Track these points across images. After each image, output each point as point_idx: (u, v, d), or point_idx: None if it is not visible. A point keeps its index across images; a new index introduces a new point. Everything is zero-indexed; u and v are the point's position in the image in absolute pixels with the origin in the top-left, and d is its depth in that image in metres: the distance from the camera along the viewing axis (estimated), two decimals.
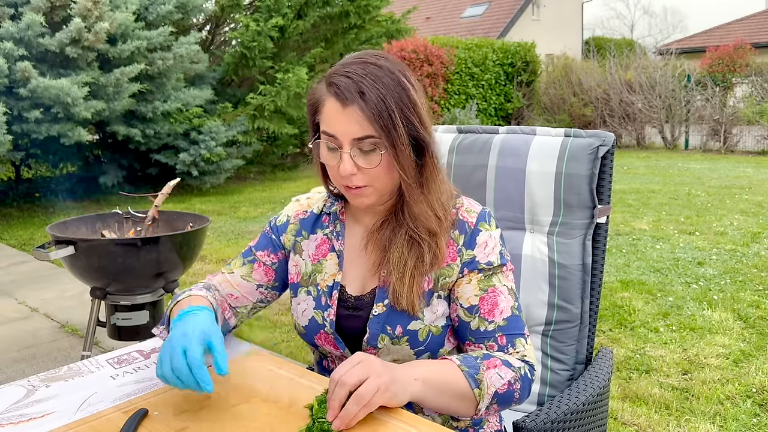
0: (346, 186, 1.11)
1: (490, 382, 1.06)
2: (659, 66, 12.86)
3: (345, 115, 1.05)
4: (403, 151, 1.07)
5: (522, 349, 1.13)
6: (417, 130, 1.08)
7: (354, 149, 1.07)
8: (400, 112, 1.05)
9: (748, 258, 4.74)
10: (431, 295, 1.15)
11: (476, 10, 23.37)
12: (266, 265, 1.27)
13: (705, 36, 21.91)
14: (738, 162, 10.31)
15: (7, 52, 6.02)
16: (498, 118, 13.98)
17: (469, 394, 1.05)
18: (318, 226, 1.26)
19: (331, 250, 1.22)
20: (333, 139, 1.08)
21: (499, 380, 1.07)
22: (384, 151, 1.06)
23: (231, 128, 8.16)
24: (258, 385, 1.08)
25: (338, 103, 1.06)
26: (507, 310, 1.13)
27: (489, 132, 1.58)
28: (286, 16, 8.61)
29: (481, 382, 1.05)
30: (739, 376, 2.85)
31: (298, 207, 1.30)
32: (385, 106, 1.04)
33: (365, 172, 1.09)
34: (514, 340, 1.13)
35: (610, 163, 1.44)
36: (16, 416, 1.01)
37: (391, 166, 1.08)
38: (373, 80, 1.04)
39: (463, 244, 1.15)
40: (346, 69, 1.07)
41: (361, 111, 1.04)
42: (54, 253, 2.37)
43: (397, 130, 1.05)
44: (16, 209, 7.49)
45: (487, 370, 1.07)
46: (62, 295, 4.18)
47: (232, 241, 5.68)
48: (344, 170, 1.07)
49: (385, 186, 1.12)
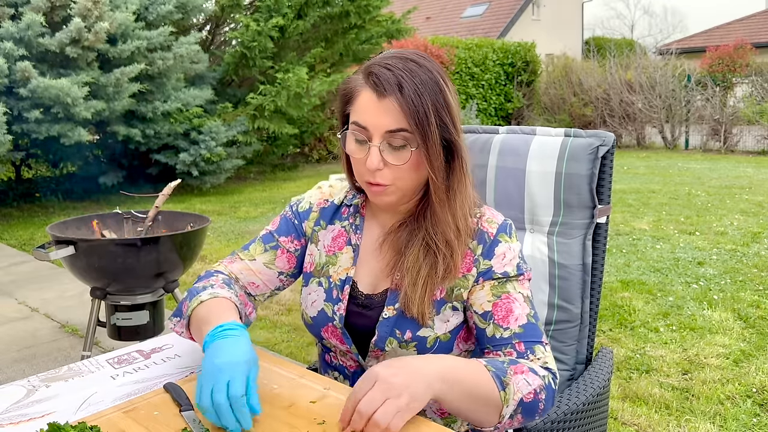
0: (368, 182, 1.09)
1: (517, 388, 1.00)
2: (659, 66, 12.86)
3: (380, 106, 1.04)
4: (434, 151, 1.05)
5: (542, 356, 1.08)
6: (449, 132, 1.07)
7: (384, 143, 1.06)
8: (435, 111, 1.05)
9: (748, 258, 4.74)
10: (443, 305, 1.13)
11: (476, 10, 23.37)
12: (289, 252, 1.25)
13: (705, 36, 21.91)
14: (738, 162, 10.31)
15: (7, 52, 6.02)
16: (498, 118, 13.99)
17: (495, 398, 0.98)
18: (337, 217, 1.24)
19: (348, 244, 1.21)
20: (363, 131, 1.06)
21: (526, 387, 1.01)
22: (414, 148, 1.05)
23: (231, 128, 8.16)
24: (258, 385, 1.08)
25: (374, 94, 1.05)
26: (522, 317, 1.09)
27: (489, 132, 1.58)
28: (286, 16, 8.60)
29: (508, 386, 0.99)
30: (739, 376, 2.85)
31: (320, 195, 1.28)
32: (422, 101, 1.03)
33: (391, 169, 1.07)
34: (534, 346, 1.08)
35: (610, 163, 1.44)
36: (16, 416, 1.01)
37: (418, 165, 1.07)
38: (411, 76, 1.04)
39: (481, 254, 1.13)
40: (386, 62, 1.06)
41: (398, 104, 1.03)
42: (54, 253, 2.37)
43: (431, 128, 1.04)
44: (16, 209, 7.49)
45: (514, 375, 1.01)
46: (62, 295, 4.18)
47: (232, 241, 5.68)
48: (371, 164, 1.05)
49: (408, 186, 1.10)
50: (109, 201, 7.72)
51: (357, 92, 1.08)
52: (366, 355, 1.17)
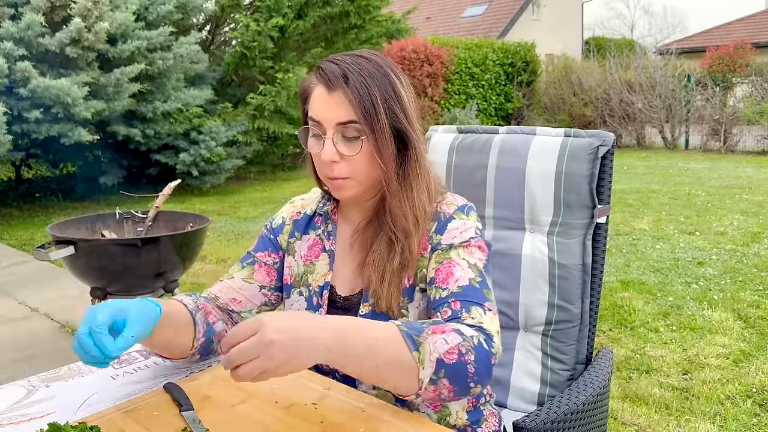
0: (328, 177, 1.12)
1: (434, 348, 0.93)
2: (659, 66, 12.86)
3: (330, 100, 1.08)
4: (384, 140, 1.08)
5: (479, 316, 1.02)
6: (400, 121, 1.10)
7: (337, 135, 1.08)
8: (383, 101, 1.08)
9: (748, 258, 4.74)
10: (413, 290, 1.15)
11: (476, 10, 23.36)
12: (267, 265, 1.27)
13: (705, 36, 21.91)
14: (738, 162, 10.31)
15: (7, 52, 6.02)
16: (498, 118, 13.99)
17: (407, 360, 0.92)
18: (311, 227, 1.27)
19: (323, 251, 1.23)
20: (318, 125, 1.10)
21: (443, 345, 0.94)
22: (365, 137, 1.08)
23: (231, 128, 8.16)
24: (258, 385, 1.08)
25: (324, 88, 1.08)
26: (464, 280, 1.07)
27: (489, 132, 1.58)
28: (286, 16, 8.60)
29: (421, 345, 0.93)
30: (739, 376, 2.85)
31: (292, 209, 1.31)
32: (368, 92, 1.07)
33: (347, 161, 1.09)
34: (470, 306, 1.04)
35: (610, 163, 1.44)
36: (16, 416, 1.01)
37: (373, 157, 1.09)
38: (359, 69, 1.08)
39: (435, 230, 1.14)
40: (335, 58, 1.11)
41: (345, 96, 1.06)
42: (54, 253, 2.37)
43: (379, 118, 1.07)
44: (16, 209, 7.49)
45: (432, 334, 0.95)
46: (62, 295, 4.18)
47: (232, 241, 5.68)
48: (325, 156, 1.08)
49: (366, 178, 1.12)
50: (109, 201, 7.72)
51: (311, 90, 1.12)
52: None
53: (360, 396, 1.05)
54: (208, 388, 1.08)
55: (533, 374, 1.48)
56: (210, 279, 4.47)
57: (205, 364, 1.19)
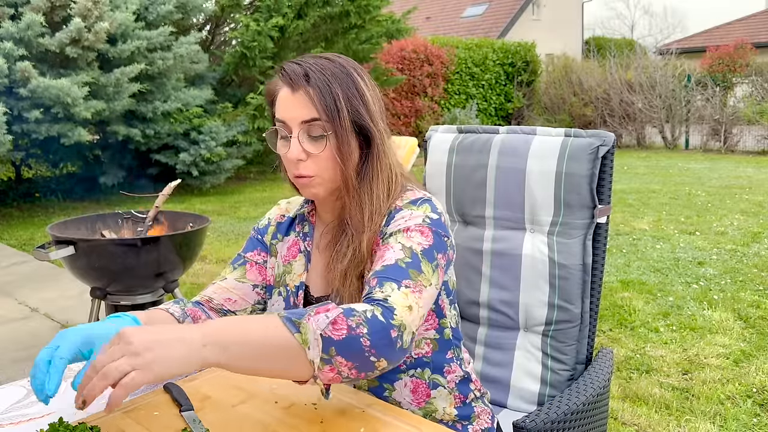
0: (295, 176, 1.13)
1: (316, 325, 0.88)
2: (659, 66, 12.86)
3: (294, 99, 1.09)
4: (345, 138, 1.10)
5: (389, 291, 0.98)
6: (363, 119, 1.12)
7: (302, 134, 1.10)
8: (346, 100, 1.10)
9: (749, 258, 4.74)
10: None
11: (476, 10, 23.36)
12: (258, 264, 1.29)
13: (705, 36, 21.91)
14: (738, 162, 10.31)
15: (7, 52, 6.02)
16: (498, 118, 13.99)
17: (291, 344, 0.88)
18: (292, 228, 1.29)
19: (300, 251, 1.25)
20: (284, 126, 1.11)
21: (324, 320, 0.89)
22: (330, 133, 1.09)
23: (231, 128, 8.16)
24: (258, 385, 1.08)
25: (288, 89, 1.10)
26: (391, 260, 1.03)
27: (489, 132, 1.58)
28: (286, 15, 8.60)
29: (301, 325, 0.88)
30: (739, 376, 2.85)
31: (278, 211, 1.34)
32: (330, 90, 1.09)
33: (313, 160, 1.11)
34: (384, 282, 0.99)
35: (611, 162, 1.44)
36: (16, 416, 1.01)
37: (337, 155, 1.11)
38: (320, 68, 1.10)
39: (384, 224, 1.14)
40: (299, 59, 1.13)
41: (307, 94, 1.08)
42: (54, 253, 2.37)
43: (341, 115, 1.09)
44: (16, 209, 7.49)
45: (315, 314, 0.91)
46: (62, 295, 4.18)
47: (232, 241, 5.68)
48: (291, 154, 1.10)
49: (332, 176, 1.13)
50: (109, 201, 7.72)
51: (276, 92, 1.13)
52: None
53: (360, 396, 1.05)
54: (208, 388, 1.08)
55: (533, 374, 1.48)
56: (210, 279, 4.47)
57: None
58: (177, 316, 1.15)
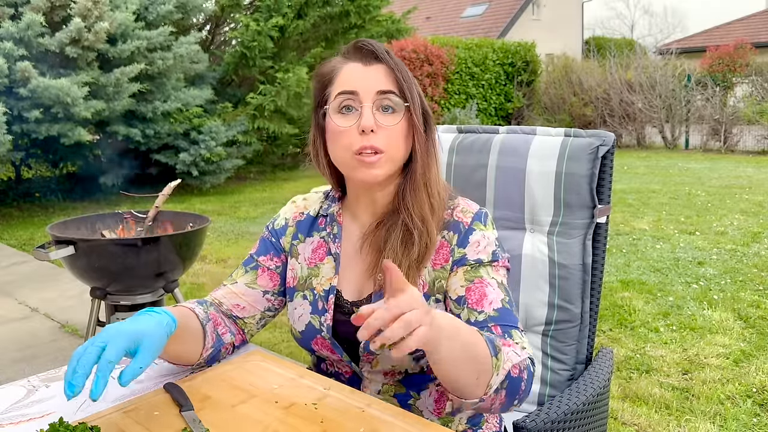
0: (360, 151, 1.07)
1: (507, 357, 0.97)
2: (659, 66, 12.86)
3: (368, 71, 1.09)
4: (418, 116, 1.10)
5: (520, 341, 1.05)
6: (424, 103, 1.13)
7: (375, 104, 1.08)
8: (412, 81, 1.11)
9: (749, 258, 4.74)
10: (427, 299, 1.12)
11: (476, 9, 23.36)
12: (270, 269, 1.25)
13: (705, 36, 21.91)
14: (738, 162, 10.31)
15: (7, 52, 6.02)
16: (498, 118, 13.98)
17: (487, 362, 0.94)
18: (314, 228, 1.24)
19: (328, 254, 1.20)
20: (353, 96, 1.08)
21: (515, 357, 0.99)
22: (407, 105, 1.09)
23: (231, 128, 8.16)
24: (258, 385, 1.08)
25: (360, 63, 1.10)
26: (497, 302, 1.07)
27: (489, 132, 1.58)
28: (286, 15, 8.60)
29: (500, 351, 0.96)
30: (739, 375, 2.85)
31: (294, 209, 1.28)
32: (403, 68, 1.11)
33: (384, 131, 1.07)
34: (510, 330, 1.06)
35: (611, 162, 1.44)
36: (16, 416, 1.01)
37: (407, 131, 1.10)
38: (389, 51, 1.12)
39: (456, 243, 1.12)
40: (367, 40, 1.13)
41: (385, 68, 1.09)
42: (54, 253, 2.37)
43: (414, 94, 1.10)
44: (16, 209, 7.49)
45: (504, 345, 1.00)
46: (62, 295, 4.18)
47: (232, 241, 5.68)
48: (367, 121, 1.05)
49: (398, 153, 1.10)
50: (109, 201, 7.72)
51: (338, 70, 1.12)
52: (359, 361, 1.17)
53: (360, 396, 1.05)
54: (208, 388, 1.08)
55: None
56: (210, 279, 4.47)
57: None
58: (201, 320, 1.15)
